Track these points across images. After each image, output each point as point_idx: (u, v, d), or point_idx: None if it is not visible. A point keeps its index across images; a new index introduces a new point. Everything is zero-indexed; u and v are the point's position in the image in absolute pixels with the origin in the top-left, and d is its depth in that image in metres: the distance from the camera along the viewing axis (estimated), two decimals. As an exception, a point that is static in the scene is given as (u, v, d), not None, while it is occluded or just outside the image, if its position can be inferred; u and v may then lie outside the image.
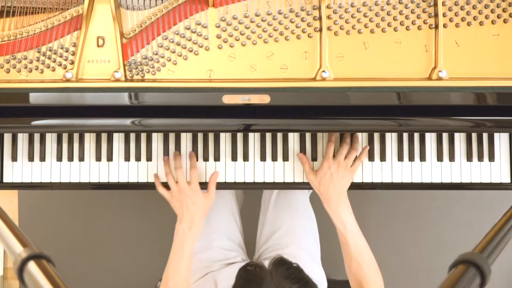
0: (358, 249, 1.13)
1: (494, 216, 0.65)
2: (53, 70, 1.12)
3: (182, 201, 1.17)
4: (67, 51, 1.12)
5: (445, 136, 1.25)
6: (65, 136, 1.25)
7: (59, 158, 1.25)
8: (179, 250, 1.16)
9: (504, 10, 1.11)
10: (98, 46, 1.12)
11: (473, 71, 1.10)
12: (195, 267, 1.31)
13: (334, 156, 1.21)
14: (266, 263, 1.05)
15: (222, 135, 1.25)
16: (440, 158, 1.24)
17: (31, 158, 1.24)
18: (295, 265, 0.99)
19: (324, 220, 1.23)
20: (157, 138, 1.25)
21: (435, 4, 1.11)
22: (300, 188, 1.27)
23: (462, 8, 1.11)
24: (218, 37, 1.12)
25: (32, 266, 0.51)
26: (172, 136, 1.25)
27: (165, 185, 1.22)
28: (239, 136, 1.25)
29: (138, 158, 1.25)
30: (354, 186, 1.25)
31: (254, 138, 1.25)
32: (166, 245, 1.19)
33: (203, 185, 1.23)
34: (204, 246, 1.34)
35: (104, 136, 1.25)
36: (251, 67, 1.12)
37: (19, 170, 1.25)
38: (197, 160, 1.24)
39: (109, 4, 1.10)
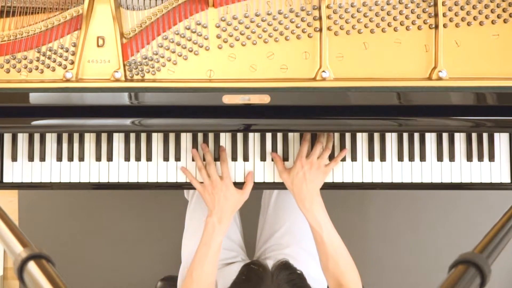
0: (334, 247, 1.13)
1: (494, 216, 0.65)
2: (53, 70, 1.12)
3: (215, 194, 1.18)
4: (67, 51, 1.12)
5: (445, 136, 1.25)
6: (65, 136, 1.25)
7: (59, 158, 1.25)
8: (207, 242, 1.16)
9: (504, 10, 1.11)
10: (98, 46, 1.12)
11: (473, 71, 1.10)
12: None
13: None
14: (270, 263, 1.05)
15: (222, 135, 1.25)
16: (440, 158, 1.24)
17: (31, 158, 1.24)
18: (299, 271, 0.99)
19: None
20: (157, 138, 1.25)
21: (435, 4, 1.11)
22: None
23: (462, 8, 1.11)
24: (218, 37, 1.12)
25: (32, 266, 0.51)
26: (172, 136, 1.25)
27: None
28: (239, 136, 1.25)
29: (138, 158, 1.25)
30: (354, 186, 1.25)
31: (254, 138, 1.25)
32: (166, 245, 1.20)
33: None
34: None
35: (104, 136, 1.25)
36: (251, 67, 1.12)
37: (19, 170, 1.25)
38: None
39: (109, 4, 1.10)
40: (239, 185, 1.25)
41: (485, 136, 1.24)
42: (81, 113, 1.12)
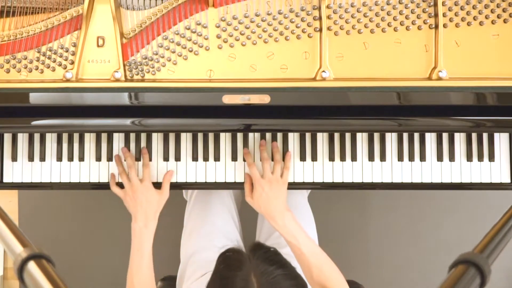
0: (314, 256, 1.13)
1: (494, 216, 0.65)
2: (53, 70, 1.12)
3: (136, 198, 1.18)
4: (67, 51, 1.12)
5: (445, 136, 1.25)
6: (65, 136, 1.25)
7: (59, 158, 1.24)
8: (139, 248, 1.17)
9: (504, 10, 1.11)
10: (98, 46, 1.12)
11: (473, 71, 1.10)
12: (194, 267, 1.31)
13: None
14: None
15: (222, 135, 1.25)
16: (440, 158, 1.24)
17: (31, 158, 1.24)
18: (272, 249, 1.00)
19: (322, 219, 1.23)
20: (157, 138, 1.25)
21: (435, 4, 1.11)
22: (300, 188, 1.27)
23: (462, 8, 1.11)
24: (218, 37, 1.12)
25: (32, 266, 0.51)
26: (172, 136, 1.25)
27: (119, 185, 1.22)
28: (239, 136, 1.24)
29: (138, 158, 1.25)
30: (354, 186, 1.25)
31: (254, 138, 1.25)
32: (165, 245, 1.19)
33: (203, 185, 1.23)
34: (202, 245, 1.34)
35: (104, 136, 1.25)
36: (251, 67, 1.12)
37: (19, 170, 1.25)
38: (197, 160, 1.24)
39: (109, 4, 1.10)
40: (239, 185, 1.25)
41: (485, 136, 1.24)
42: (81, 113, 1.12)
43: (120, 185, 1.22)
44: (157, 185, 1.23)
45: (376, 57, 1.11)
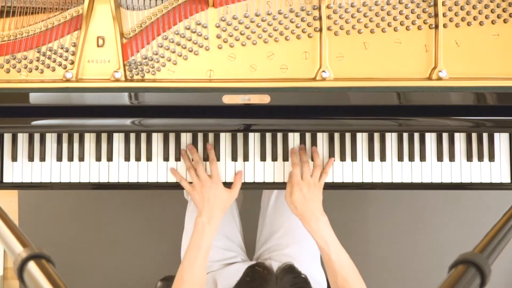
0: (342, 264, 1.14)
1: (494, 216, 0.65)
2: (53, 70, 1.12)
3: (204, 193, 1.18)
4: (67, 51, 1.12)
5: (445, 136, 1.25)
6: (65, 136, 1.25)
7: (59, 158, 1.24)
8: (197, 243, 1.15)
9: (504, 10, 1.11)
10: (98, 46, 1.12)
11: (473, 71, 1.10)
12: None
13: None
14: (274, 264, 1.05)
15: (222, 135, 1.25)
16: (440, 158, 1.24)
17: (31, 158, 1.24)
18: (303, 275, 0.99)
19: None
20: (157, 138, 1.25)
21: (435, 4, 1.11)
22: (300, 188, 1.27)
23: (462, 8, 1.11)
24: (218, 37, 1.12)
25: (32, 266, 0.51)
26: (172, 136, 1.25)
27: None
28: (239, 136, 1.25)
29: (138, 158, 1.25)
30: (354, 186, 1.25)
31: (254, 138, 1.25)
32: (166, 245, 1.19)
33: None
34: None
35: (104, 136, 1.25)
36: (251, 67, 1.12)
37: (19, 170, 1.25)
38: (197, 160, 1.24)
39: (109, 4, 1.10)
40: (241, 185, 1.25)
41: (485, 136, 1.24)
42: (81, 113, 1.12)
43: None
44: (159, 185, 1.23)
45: (376, 57, 1.11)
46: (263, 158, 1.25)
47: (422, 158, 1.24)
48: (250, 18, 1.12)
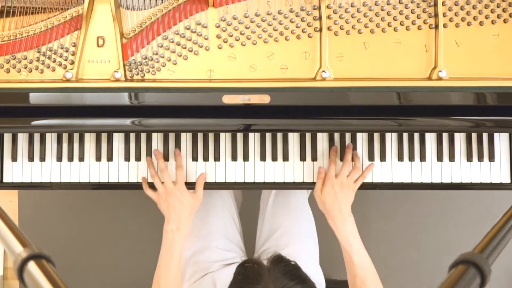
0: (362, 267, 1.14)
1: (494, 216, 0.66)
2: (53, 70, 1.12)
3: (169, 201, 1.18)
4: (67, 51, 1.12)
5: (445, 136, 1.25)
6: (65, 136, 1.25)
7: (59, 158, 1.24)
8: (168, 250, 1.16)
9: (504, 10, 1.11)
10: (98, 46, 1.12)
11: (473, 71, 1.10)
12: (194, 268, 1.31)
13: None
14: (265, 262, 1.05)
15: (222, 135, 1.25)
16: (440, 158, 1.24)
17: (31, 158, 1.24)
18: (293, 263, 1.00)
19: (323, 220, 1.23)
20: (157, 138, 1.25)
21: (435, 4, 1.11)
22: (300, 188, 1.27)
23: (462, 8, 1.11)
24: (218, 37, 1.12)
25: (32, 266, 0.51)
26: (172, 136, 1.25)
27: (152, 187, 1.22)
28: (239, 136, 1.24)
29: (138, 158, 1.25)
30: (354, 186, 1.25)
31: (254, 138, 1.25)
32: (166, 245, 1.19)
33: (204, 186, 1.23)
34: (202, 246, 1.34)
35: (104, 136, 1.25)
36: (251, 67, 1.12)
37: (19, 170, 1.25)
38: (197, 160, 1.24)
39: (109, 4, 1.10)
40: (239, 185, 1.25)
41: (485, 136, 1.24)
42: (81, 113, 1.12)
43: (151, 187, 1.21)
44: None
45: (376, 57, 1.11)
46: (263, 158, 1.24)
47: (422, 158, 1.24)
48: (250, 18, 1.12)
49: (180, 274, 1.18)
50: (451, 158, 1.24)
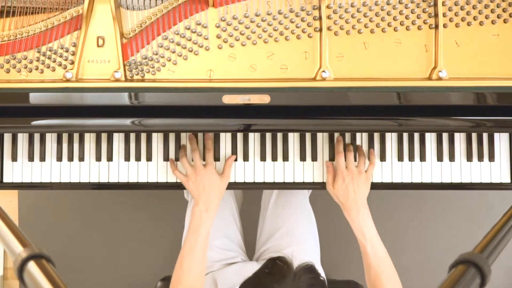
0: (377, 259, 1.14)
1: (494, 216, 0.65)
2: (53, 70, 1.12)
3: (199, 182, 1.18)
4: (67, 51, 1.12)
5: (445, 136, 1.25)
6: (65, 136, 1.25)
7: (59, 158, 1.25)
8: (195, 231, 1.16)
9: (504, 10, 1.11)
10: (98, 46, 1.12)
11: (473, 71, 1.10)
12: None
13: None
14: (295, 262, 1.04)
15: (222, 135, 1.25)
16: (440, 158, 1.24)
17: (31, 158, 1.24)
18: (322, 278, 0.99)
19: (324, 220, 1.24)
20: (157, 138, 1.25)
21: (435, 4, 1.11)
22: (300, 188, 1.27)
23: (462, 8, 1.11)
24: (218, 37, 1.12)
25: (32, 266, 0.51)
26: (172, 136, 1.25)
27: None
28: (239, 136, 1.25)
29: (138, 158, 1.25)
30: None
31: (254, 138, 1.25)
32: (166, 245, 1.19)
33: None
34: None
35: (104, 136, 1.25)
36: (251, 67, 1.12)
37: (19, 170, 1.25)
38: (197, 160, 1.24)
39: (109, 4, 1.10)
40: (239, 185, 1.25)
41: (485, 136, 1.24)
42: (81, 113, 1.12)
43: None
44: (159, 185, 1.23)
45: (376, 57, 1.11)
46: (263, 158, 1.25)
47: (422, 158, 1.24)
48: (250, 18, 1.12)
49: (205, 258, 1.17)
50: (451, 158, 1.24)
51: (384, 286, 1.11)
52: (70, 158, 1.25)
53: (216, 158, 1.24)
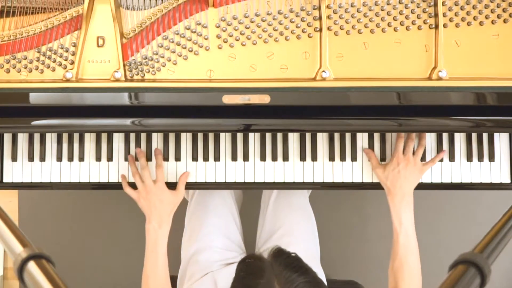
0: (406, 250, 1.14)
1: (494, 216, 0.66)
2: (53, 70, 1.12)
3: (150, 199, 1.18)
4: (67, 51, 1.12)
5: (445, 136, 1.25)
6: (65, 136, 1.25)
7: (59, 158, 1.25)
8: (153, 249, 1.17)
9: (504, 10, 1.11)
10: (98, 46, 1.12)
11: (473, 71, 1.10)
12: (194, 268, 1.31)
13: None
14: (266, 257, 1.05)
15: (222, 135, 1.25)
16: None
17: (31, 158, 1.24)
18: (293, 254, 0.99)
19: (324, 220, 1.24)
20: (157, 138, 1.25)
21: (435, 4, 1.11)
22: (300, 188, 1.27)
23: (462, 8, 1.11)
24: (218, 37, 1.12)
25: (32, 266, 0.51)
26: (172, 136, 1.25)
27: (132, 186, 1.22)
28: (239, 136, 1.25)
29: (138, 158, 1.24)
30: (354, 186, 1.25)
31: (254, 138, 1.25)
32: (167, 245, 1.19)
33: (204, 185, 1.23)
34: (203, 246, 1.34)
35: (104, 136, 1.25)
36: (251, 67, 1.12)
37: (19, 170, 1.25)
38: (197, 160, 1.24)
39: (109, 4, 1.10)
40: (239, 185, 1.25)
41: (485, 136, 1.24)
42: (81, 113, 1.12)
43: (133, 186, 1.22)
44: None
45: (376, 57, 1.11)
46: (263, 158, 1.25)
47: (422, 158, 1.24)
48: (250, 18, 1.12)
49: (167, 273, 1.18)
50: (451, 158, 1.24)
51: (404, 278, 1.12)
52: (70, 158, 1.25)
53: (216, 158, 1.24)
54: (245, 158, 1.24)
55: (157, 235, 1.17)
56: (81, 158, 1.24)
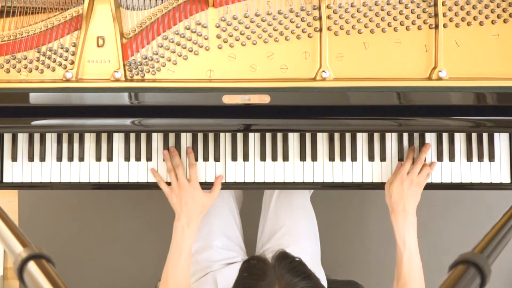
0: (410, 270, 1.15)
1: (494, 216, 0.66)
2: (53, 70, 1.12)
3: (182, 197, 1.18)
4: (67, 51, 1.12)
5: (445, 136, 1.25)
6: (65, 136, 1.25)
7: (59, 158, 1.24)
8: (178, 246, 1.16)
9: (504, 10, 1.11)
10: (98, 46, 1.12)
11: (473, 71, 1.11)
12: (195, 268, 1.31)
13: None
14: (270, 259, 1.05)
15: (222, 135, 1.25)
16: (440, 158, 1.24)
17: (31, 158, 1.24)
18: (297, 259, 1.00)
19: (325, 220, 1.24)
20: (157, 138, 1.25)
21: (435, 4, 1.11)
22: (300, 188, 1.27)
23: (462, 8, 1.11)
24: (218, 37, 1.12)
25: (32, 266, 0.51)
26: (172, 136, 1.25)
27: (131, 186, 1.23)
28: (239, 136, 1.25)
29: (138, 158, 1.25)
30: (354, 186, 1.25)
31: (254, 138, 1.25)
32: (166, 245, 1.19)
33: (203, 185, 1.23)
34: (203, 246, 1.34)
35: (104, 136, 1.25)
36: (251, 67, 1.12)
37: (19, 170, 1.25)
38: (197, 160, 1.24)
39: (109, 4, 1.10)
40: (238, 185, 1.25)
41: (485, 136, 1.24)
42: (81, 113, 1.12)
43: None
44: (158, 186, 1.23)
45: (376, 57, 1.11)
46: (263, 158, 1.25)
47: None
48: (250, 18, 1.12)
49: (189, 271, 1.18)
50: (451, 158, 1.24)
51: None
52: (70, 158, 1.25)
53: (216, 158, 1.24)
54: (245, 158, 1.24)
55: (184, 233, 1.17)
56: (81, 158, 1.24)
